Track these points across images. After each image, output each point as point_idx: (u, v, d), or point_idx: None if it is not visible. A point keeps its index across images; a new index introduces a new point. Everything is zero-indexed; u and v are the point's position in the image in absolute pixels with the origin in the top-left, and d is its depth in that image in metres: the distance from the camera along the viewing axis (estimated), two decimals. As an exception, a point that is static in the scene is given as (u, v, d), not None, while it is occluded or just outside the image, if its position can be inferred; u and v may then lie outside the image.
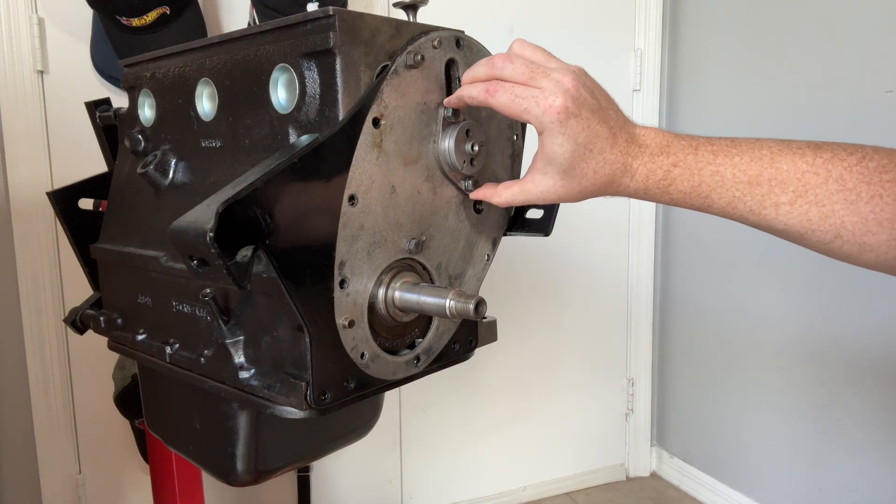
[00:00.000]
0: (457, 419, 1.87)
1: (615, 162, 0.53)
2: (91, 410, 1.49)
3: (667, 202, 0.55)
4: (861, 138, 1.58)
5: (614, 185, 0.55)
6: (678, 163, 0.53)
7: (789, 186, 0.50)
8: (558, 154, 0.52)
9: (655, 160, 0.54)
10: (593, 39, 1.88)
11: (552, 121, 0.51)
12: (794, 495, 1.68)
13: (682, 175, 0.53)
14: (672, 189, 0.54)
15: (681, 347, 2.01)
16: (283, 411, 0.54)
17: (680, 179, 0.53)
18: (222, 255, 0.45)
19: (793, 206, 0.50)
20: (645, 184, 0.54)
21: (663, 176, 0.53)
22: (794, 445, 1.67)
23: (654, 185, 0.54)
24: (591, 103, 0.53)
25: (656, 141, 0.55)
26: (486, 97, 0.54)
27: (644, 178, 0.54)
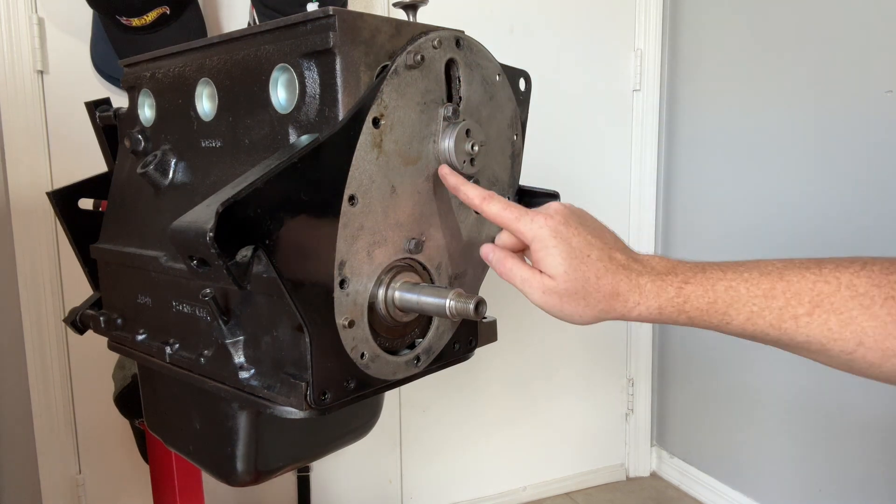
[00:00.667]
0: (457, 419, 1.87)
1: (617, 272, 0.53)
2: (91, 410, 1.49)
3: (684, 322, 0.54)
4: (861, 138, 1.58)
5: (622, 299, 0.53)
6: (689, 280, 0.53)
7: (804, 297, 0.50)
8: (554, 256, 0.53)
9: (664, 279, 0.53)
10: (593, 39, 1.88)
11: (540, 226, 0.53)
12: (794, 495, 1.68)
13: (695, 292, 0.53)
14: (688, 306, 0.53)
15: (681, 347, 2.01)
16: (283, 411, 0.54)
17: (694, 296, 0.53)
18: (222, 255, 0.45)
19: (811, 317, 0.50)
20: (657, 301, 0.53)
21: (676, 293, 0.53)
22: (794, 445, 1.67)
23: (667, 303, 0.53)
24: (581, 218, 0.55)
25: (661, 264, 0.55)
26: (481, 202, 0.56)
27: (655, 295, 0.53)
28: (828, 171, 1.53)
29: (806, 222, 1.58)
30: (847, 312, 0.49)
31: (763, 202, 1.69)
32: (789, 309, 0.50)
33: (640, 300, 0.53)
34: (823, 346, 0.50)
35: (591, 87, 1.89)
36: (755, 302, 0.51)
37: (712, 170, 1.85)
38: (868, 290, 0.48)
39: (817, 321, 0.50)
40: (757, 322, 0.52)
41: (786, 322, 0.51)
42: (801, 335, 0.51)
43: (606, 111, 1.93)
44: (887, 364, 0.49)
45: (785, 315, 0.51)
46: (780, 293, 0.51)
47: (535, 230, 0.53)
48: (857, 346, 0.49)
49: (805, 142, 1.57)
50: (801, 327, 0.50)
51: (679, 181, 1.97)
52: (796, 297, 0.50)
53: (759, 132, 1.70)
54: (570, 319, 0.55)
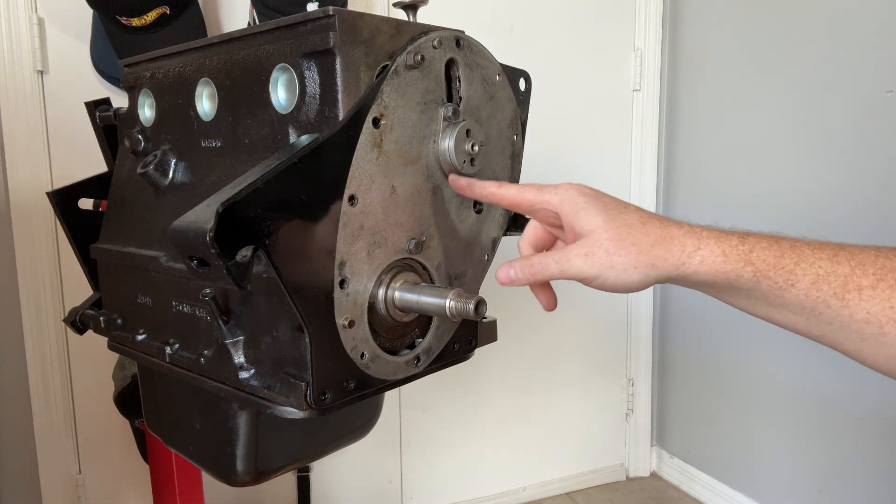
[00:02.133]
0: (457, 419, 1.87)
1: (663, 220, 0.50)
2: (91, 410, 1.49)
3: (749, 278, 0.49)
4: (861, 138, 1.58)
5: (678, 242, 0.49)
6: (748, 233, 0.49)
7: (869, 268, 0.47)
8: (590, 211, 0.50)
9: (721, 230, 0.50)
10: (593, 39, 1.88)
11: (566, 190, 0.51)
12: (794, 495, 1.68)
13: (759, 243, 0.49)
14: (754, 256, 0.48)
15: (681, 347, 2.01)
16: (283, 411, 0.54)
17: (759, 247, 0.48)
18: (222, 256, 0.45)
19: (875, 291, 0.47)
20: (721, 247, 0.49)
21: (739, 241, 0.49)
22: (795, 445, 1.67)
23: (731, 249, 0.48)
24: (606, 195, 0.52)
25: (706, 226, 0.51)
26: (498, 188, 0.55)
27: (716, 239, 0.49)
28: (828, 171, 1.53)
29: (807, 222, 1.58)
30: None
31: (763, 202, 1.69)
32: (854, 278, 0.47)
33: (699, 244, 0.49)
34: (881, 326, 0.47)
35: (591, 87, 1.89)
36: (821, 265, 0.48)
37: (712, 170, 1.85)
38: None
39: (880, 296, 0.46)
40: (822, 287, 0.47)
41: (850, 293, 0.47)
42: (862, 310, 0.47)
43: (606, 111, 1.93)
44: None
45: (849, 284, 0.47)
46: (845, 259, 0.47)
47: (562, 193, 0.51)
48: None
49: (805, 142, 1.57)
50: (864, 301, 0.47)
51: (679, 181, 1.97)
52: (861, 266, 0.47)
53: (759, 132, 1.70)
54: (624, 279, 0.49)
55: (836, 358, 1.54)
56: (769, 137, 1.67)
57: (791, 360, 1.66)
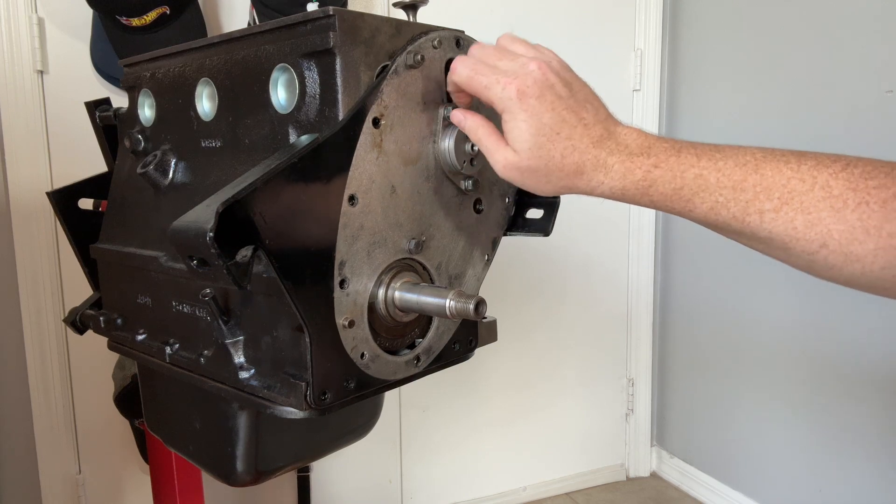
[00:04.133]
0: (457, 419, 1.87)
1: (585, 151, 0.52)
2: (91, 410, 1.49)
3: (646, 204, 0.53)
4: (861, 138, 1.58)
5: (586, 178, 0.53)
6: (659, 164, 0.52)
7: (774, 193, 0.49)
8: (521, 130, 0.52)
9: (634, 160, 0.52)
10: (593, 39, 1.88)
11: (510, 97, 0.51)
12: (794, 495, 1.68)
13: (663, 177, 0.51)
14: (652, 191, 0.52)
15: (681, 347, 2.01)
16: (283, 411, 0.54)
17: (661, 181, 0.52)
18: (222, 256, 0.45)
19: (777, 214, 0.48)
20: (622, 182, 0.52)
21: (643, 177, 0.52)
22: (795, 445, 1.67)
23: (632, 185, 0.52)
24: (559, 90, 0.52)
25: (637, 141, 0.53)
26: (450, 75, 0.54)
27: (621, 176, 0.52)
28: (828, 171, 1.53)
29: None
30: (816, 213, 0.47)
31: (763, 202, 1.69)
32: (756, 203, 0.49)
33: (604, 180, 0.53)
34: (785, 244, 0.49)
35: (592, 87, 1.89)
36: (722, 193, 0.50)
37: (712, 170, 1.85)
38: (842, 193, 0.47)
39: (783, 218, 0.48)
40: (721, 212, 0.50)
41: (750, 216, 0.49)
42: (764, 231, 0.49)
43: (606, 111, 1.93)
44: (848, 268, 0.48)
45: (750, 209, 0.49)
46: (751, 186, 0.49)
47: (506, 101, 0.52)
48: (820, 247, 0.48)
49: (805, 142, 1.57)
50: (766, 223, 0.49)
51: (679, 181, 1.97)
52: (766, 191, 0.49)
53: (759, 132, 1.70)
54: (531, 190, 0.55)
55: (836, 358, 1.55)
56: (769, 137, 1.67)
57: (791, 360, 1.66)
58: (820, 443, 1.60)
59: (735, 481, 1.84)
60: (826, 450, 1.59)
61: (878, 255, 0.46)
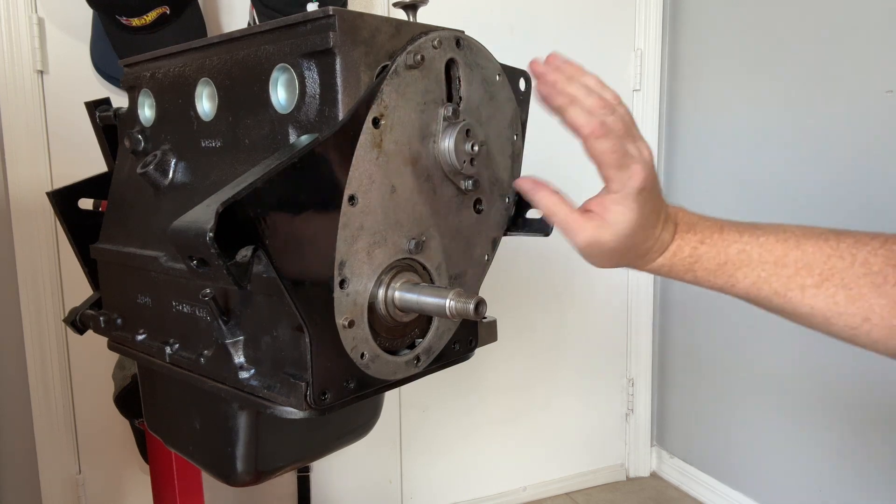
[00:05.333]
0: (457, 419, 1.87)
1: (658, 239, 0.53)
2: (91, 410, 1.49)
3: (689, 280, 0.54)
4: (861, 138, 1.58)
5: (648, 257, 0.54)
6: (705, 240, 0.53)
7: (815, 269, 0.49)
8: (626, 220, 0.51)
9: (684, 237, 0.53)
10: (593, 39, 1.88)
11: (634, 188, 0.50)
12: (794, 495, 1.68)
13: (708, 253, 0.52)
14: (697, 266, 0.53)
15: (681, 347, 2.01)
16: (283, 411, 0.54)
17: (706, 257, 0.53)
18: (222, 256, 0.45)
19: (819, 289, 0.49)
20: (671, 260, 0.54)
21: (690, 253, 0.53)
22: (794, 445, 1.67)
23: (679, 262, 0.53)
24: (657, 180, 0.53)
25: (685, 219, 0.55)
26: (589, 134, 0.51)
27: (672, 254, 0.54)
28: (828, 170, 1.53)
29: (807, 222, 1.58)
30: (857, 289, 0.48)
31: (763, 202, 1.69)
32: (797, 279, 0.50)
33: (657, 257, 0.54)
34: (827, 318, 0.50)
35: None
36: (764, 268, 0.51)
37: (712, 170, 1.85)
38: (882, 269, 0.48)
39: (824, 294, 0.49)
40: (762, 288, 0.51)
41: (792, 291, 0.50)
42: (806, 306, 0.50)
43: (606, 111, 1.93)
44: (893, 342, 0.49)
45: (792, 284, 0.50)
46: (792, 262, 0.50)
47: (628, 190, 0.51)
48: (862, 321, 0.49)
49: (805, 142, 1.57)
50: (808, 298, 0.50)
51: (679, 181, 1.97)
52: (807, 267, 0.50)
53: (759, 132, 1.70)
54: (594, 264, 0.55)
55: (836, 359, 1.55)
56: (769, 137, 1.67)
57: (792, 360, 1.66)
58: (820, 443, 1.60)
59: (735, 481, 1.85)
60: (826, 450, 1.59)
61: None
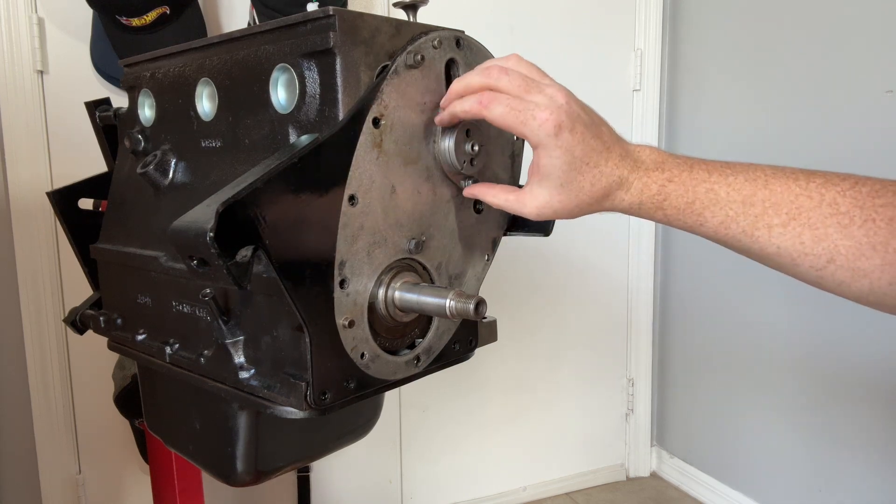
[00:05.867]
0: (457, 419, 1.87)
1: (611, 175, 0.54)
2: (91, 410, 1.49)
3: (659, 219, 0.55)
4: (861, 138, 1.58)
5: (610, 198, 0.55)
6: (673, 178, 0.53)
7: (783, 208, 0.50)
8: (555, 167, 0.53)
9: (650, 175, 0.54)
10: (593, 39, 1.88)
11: (548, 134, 0.51)
12: (794, 495, 1.68)
13: (676, 191, 0.53)
14: (666, 204, 0.54)
15: (681, 347, 2.01)
16: (283, 411, 0.54)
17: (674, 195, 0.53)
18: (222, 255, 0.45)
19: (786, 228, 0.50)
20: (639, 198, 0.54)
21: (658, 191, 0.53)
22: (794, 445, 1.67)
23: (648, 199, 0.54)
24: (584, 118, 0.53)
25: (651, 157, 0.55)
26: (480, 109, 0.53)
27: (639, 192, 0.54)
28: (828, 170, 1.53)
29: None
30: (823, 229, 0.49)
31: (763, 202, 1.69)
32: (765, 218, 0.50)
33: (624, 197, 0.54)
34: (793, 259, 0.50)
35: (591, 87, 1.88)
36: (732, 207, 0.51)
37: (712, 170, 1.85)
38: (849, 210, 0.48)
39: (791, 233, 0.50)
40: (730, 226, 0.52)
41: (759, 230, 0.51)
42: (773, 245, 0.51)
43: (606, 111, 1.89)
44: (856, 284, 0.49)
45: (759, 223, 0.51)
46: (759, 201, 0.51)
47: (542, 138, 0.52)
48: (827, 262, 0.49)
49: (805, 142, 1.57)
50: (774, 237, 0.50)
51: (679, 181, 1.97)
52: (774, 207, 0.50)
53: (759, 132, 1.70)
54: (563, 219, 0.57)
55: (836, 359, 1.55)
56: (769, 137, 1.67)
57: (792, 360, 1.66)
58: (820, 442, 1.60)
59: (735, 481, 1.85)
60: (826, 449, 1.59)
61: (885, 271, 0.47)
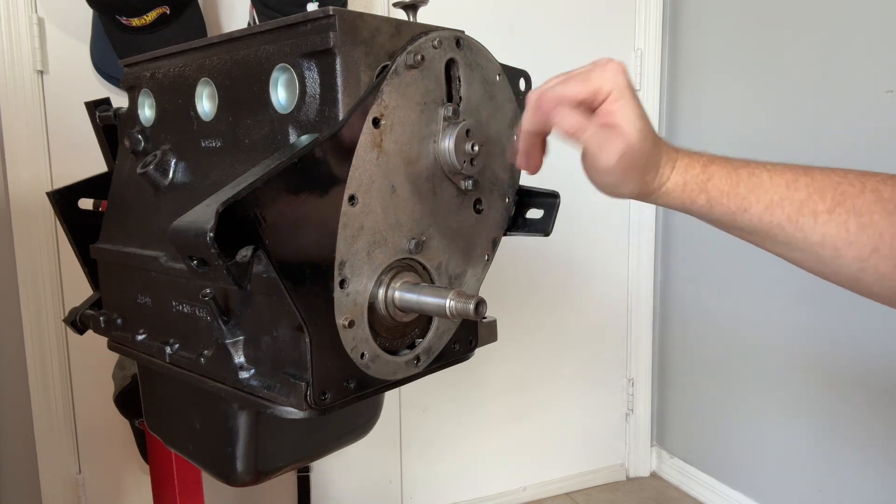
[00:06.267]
0: (457, 419, 1.87)
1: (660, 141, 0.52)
2: (91, 410, 1.49)
3: (701, 205, 0.52)
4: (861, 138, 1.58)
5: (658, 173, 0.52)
6: (714, 160, 0.51)
7: (827, 193, 0.48)
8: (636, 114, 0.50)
9: (692, 156, 0.52)
10: (593, 39, 1.88)
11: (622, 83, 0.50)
12: (794, 495, 1.68)
13: (719, 172, 0.51)
14: (710, 185, 0.51)
15: (681, 347, 2.01)
16: (283, 411, 0.54)
17: (718, 175, 0.51)
18: (222, 255, 0.45)
19: (831, 215, 0.48)
20: (684, 177, 0.52)
21: (701, 170, 0.51)
22: (794, 445, 1.67)
23: (692, 179, 0.51)
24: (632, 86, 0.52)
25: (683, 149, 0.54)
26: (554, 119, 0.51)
27: (683, 169, 0.52)
28: (828, 171, 1.53)
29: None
30: (868, 215, 0.47)
31: (763, 202, 1.69)
32: (810, 203, 0.48)
33: (670, 174, 0.52)
34: (837, 248, 0.48)
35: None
36: (776, 191, 0.49)
37: (712, 170, 1.85)
38: (892, 196, 0.46)
39: (836, 220, 0.48)
40: (775, 212, 0.49)
41: (804, 217, 0.49)
42: (818, 234, 0.48)
43: (606, 111, 1.93)
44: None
45: (804, 209, 0.49)
46: (804, 186, 0.49)
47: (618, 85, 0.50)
48: (872, 252, 0.47)
49: (805, 142, 1.57)
50: (820, 225, 0.48)
51: (679, 181, 1.97)
52: (819, 192, 0.48)
53: (759, 132, 1.70)
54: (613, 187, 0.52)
55: (836, 359, 1.55)
56: (769, 137, 1.67)
57: (791, 360, 1.66)
58: (820, 443, 1.60)
59: (735, 481, 1.84)
60: (826, 450, 1.59)
61: None
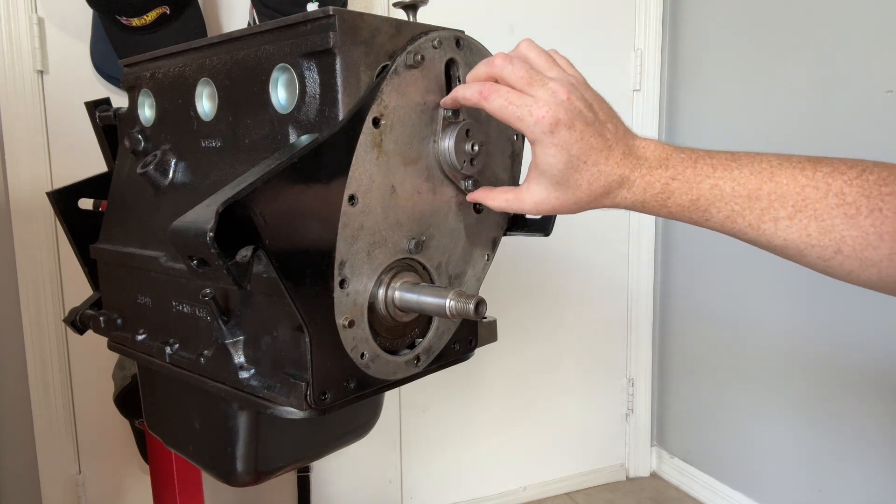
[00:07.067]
0: (457, 419, 1.87)
1: (611, 174, 0.53)
2: (91, 410, 1.49)
3: (664, 215, 0.55)
4: (861, 138, 1.58)
5: (611, 196, 0.54)
6: (676, 176, 0.53)
7: (788, 201, 0.49)
8: (551, 165, 0.52)
9: (653, 173, 0.53)
10: (593, 39, 1.88)
11: (543, 132, 0.51)
12: (794, 495, 1.68)
13: (680, 188, 0.53)
14: (670, 202, 0.53)
15: (681, 347, 2.01)
16: (283, 411, 0.54)
17: (678, 192, 0.53)
18: (222, 256, 0.45)
19: (792, 221, 0.49)
20: (642, 196, 0.54)
21: (661, 189, 0.53)
22: (794, 445, 1.67)
23: (651, 197, 0.54)
24: (586, 116, 0.52)
25: (655, 154, 0.54)
26: (480, 99, 0.53)
27: (642, 190, 0.54)
28: (828, 171, 1.53)
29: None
30: (830, 220, 0.48)
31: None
32: (771, 211, 0.50)
33: (626, 195, 0.54)
34: (800, 250, 0.50)
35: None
36: (737, 202, 0.51)
37: (712, 170, 1.85)
38: (856, 200, 0.48)
39: (797, 225, 0.49)
40: (736, 221, 0.52)
41: (765, 224, 0.50)
42: (779, 238, 0.50)
43: (606, 111, 1.93)
44: (864, 273, 0.49)
45: (765, 217, 0.50)
46: (765, 195, 0.50)
47: (538, 134, 0.52)
48: (834, 253, 0.49)
49: (805, 142, 1.57)
50: (780, 230, 0.50)
51: (679, 181, 1.97)
52: (780, 199, 0.50)
53: (759, 132, 1.70)
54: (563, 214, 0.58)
55: (837, 359, 1.55)
56: (769, 138, 1.67)
57: (791, 360, 1.66)
58: (820, 443, 1.60)
59: (735, 481, 1.84)
60: (826, 450, 1.59)
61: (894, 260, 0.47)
